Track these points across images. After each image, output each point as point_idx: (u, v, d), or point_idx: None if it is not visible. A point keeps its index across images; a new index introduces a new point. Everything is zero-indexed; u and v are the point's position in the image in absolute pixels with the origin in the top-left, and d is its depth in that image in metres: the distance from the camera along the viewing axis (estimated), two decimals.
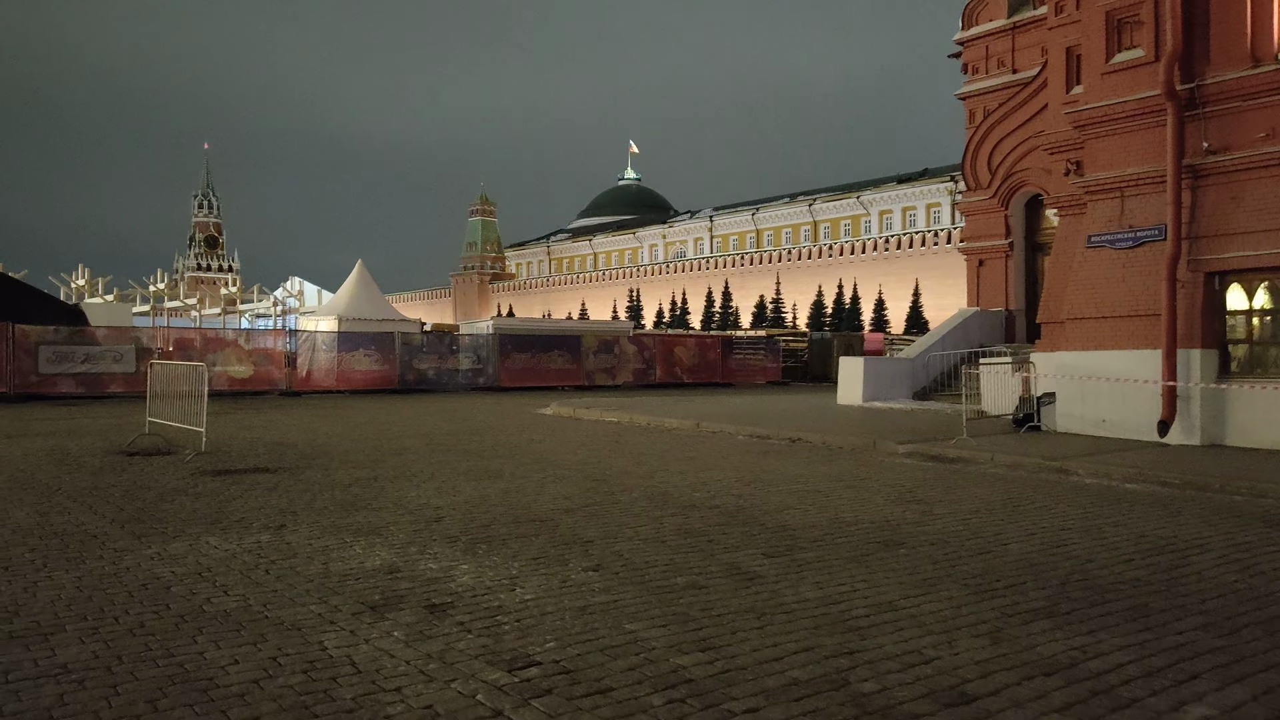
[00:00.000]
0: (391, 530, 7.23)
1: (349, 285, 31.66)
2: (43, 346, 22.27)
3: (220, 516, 7.71)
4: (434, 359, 29.50)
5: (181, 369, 13.48)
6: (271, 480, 9.74)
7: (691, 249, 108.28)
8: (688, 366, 34.58)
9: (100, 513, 7.80)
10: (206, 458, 11.40)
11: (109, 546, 6.53)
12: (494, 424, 17.35)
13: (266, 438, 14.07)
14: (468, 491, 9.18)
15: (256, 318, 59.71)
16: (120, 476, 9.92)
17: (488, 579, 5.75)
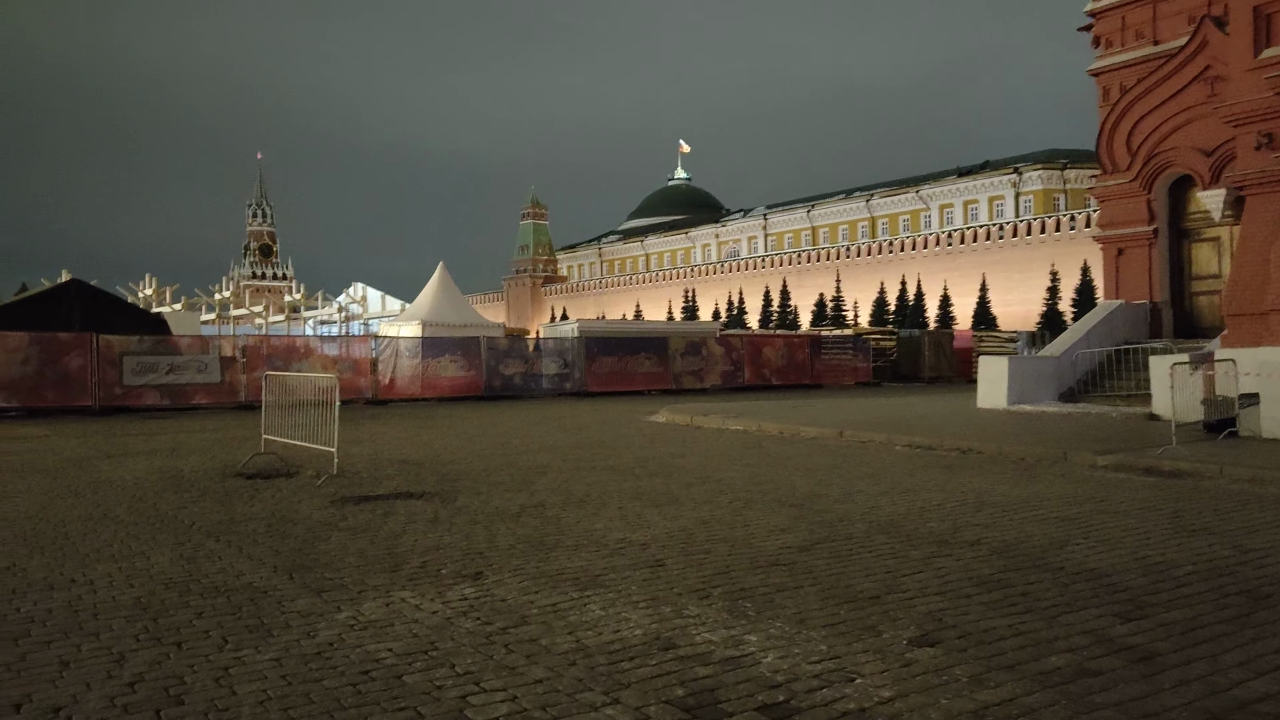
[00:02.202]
0: (614, 580, 5.90)
1: (431, 289, 30.62)
2: (126, 357, 21.42)
3: (397, 561, 6.45)
4: (519, 364, 28.35)
5: (303, 381, 12.35)
6: (426, 509, 8.48)
7: (745, 248, 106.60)
8: (776, 368, 33.09)
9: (254, 557, 6.57)
10: (336, 481, 10.20)
11: (289, 609, 5.27)
12: (614, 435, 16.04)
13: (384, 454, 12.88)
14: (659, 522, 7.84)
15: (320, 324, 59.22)
16: (252, 506, 8.73)
17: (801, 659, 4.39)
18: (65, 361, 20.80)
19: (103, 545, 6.98)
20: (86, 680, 4.13)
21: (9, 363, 20.25)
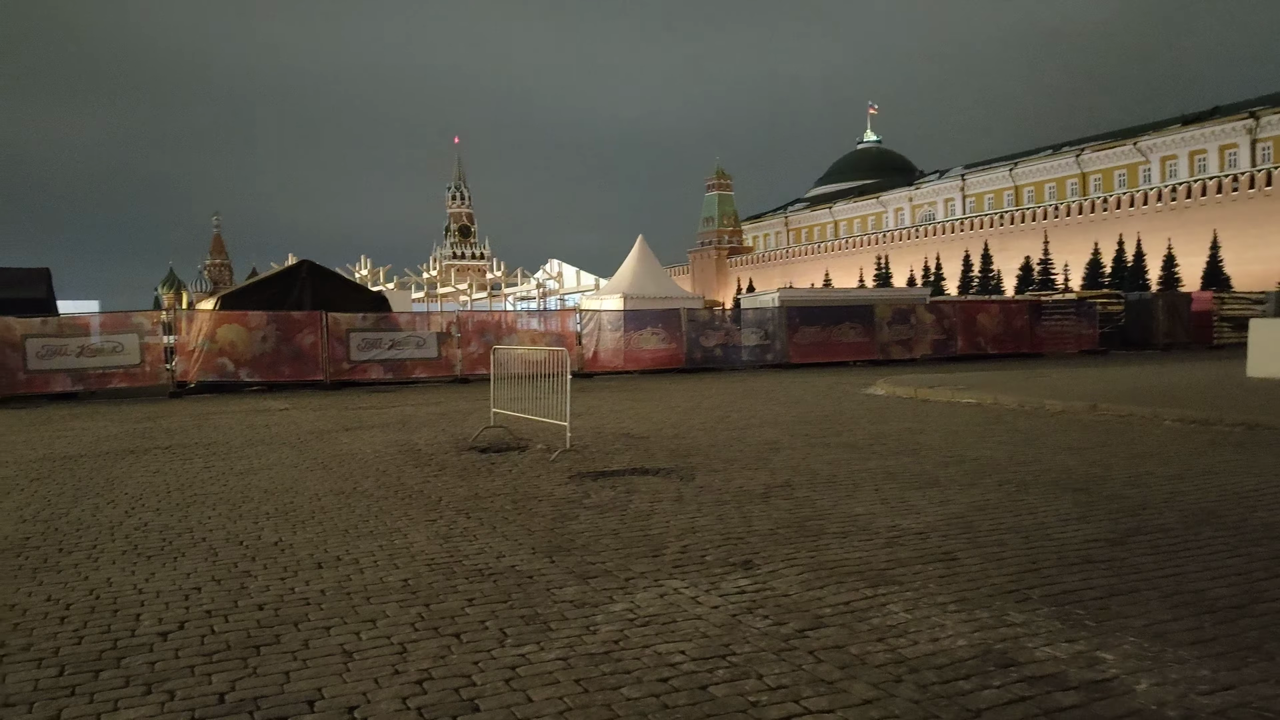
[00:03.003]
0: (905, 576, 5.22)
1: (631, 262, 30.59)
2: (353, 334, 22.43)
3: (655, 544, 6.01)
4: (720, 335, 27.85)
5: (532, 354, 12.28)
6: (668, 487, 8.06)
7: (941, 211, 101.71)
8: (991, 335, 31.07)
9: (509, 536, 6.32)
10: (569, 456, 9.98)
11: (559, 597, 4.92)
12: (835, 409, 15.24)
13: (605, 427, 12.65)
14: (927, 508, 7.08)
15: (518, 300, 60.96)
16: (492, 481, 8.59)
17: (1186, 688, 3.59)
18: (299, 338, 21.97)
19: (359, 521, 6.94)
20: (374, 675, 3.87)
21: (250, 340, 21.59)
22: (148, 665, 4.02)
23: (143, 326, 21.49)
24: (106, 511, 7.47)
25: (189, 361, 21.45)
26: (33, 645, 4.29)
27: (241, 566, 5.65)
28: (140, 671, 3.95)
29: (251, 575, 5.45)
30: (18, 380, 19.74)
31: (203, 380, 21.31)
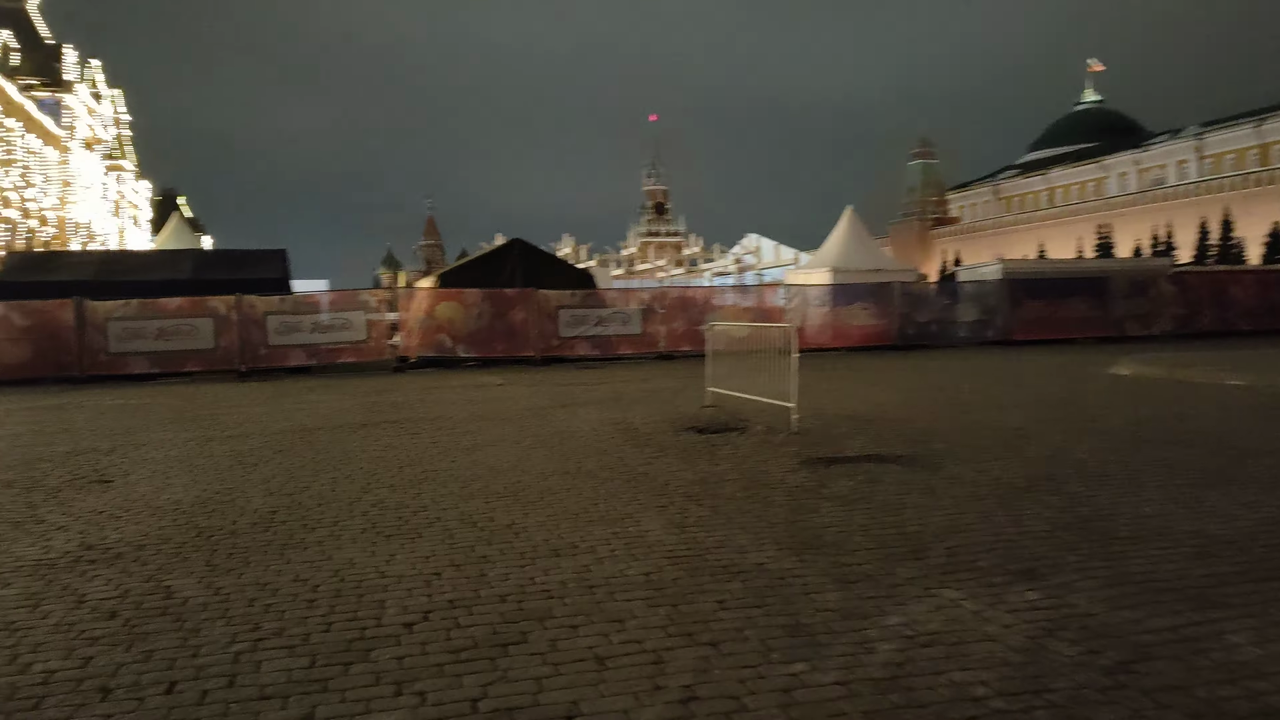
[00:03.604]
0: (1238, 598, 4.36)
1: (839, 235, 29.50)
2: (562, 310, 22.70)
3: (915, 545, 5.38)
4: (935, 310, 26.36)
5: (751, 331, 11.80)
6: (914, 478, 7.35)
7: (1173, 174, 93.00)
8: (1245, 310, 27.85)
9: (747, 528, 5.84)
10: (795, 439, 9.42)
11: (821, 604, 4.39)
12: (1078, 390, 13.89)
13: (826, 408, 11.96)
14: (1234, 511, 6.06)
15: (715, 276, 60.61)
16: (716, 464, 8.16)
17: None
18: (511, 315, 22.46)
19: (587, 504, 6.68)
20: (633, 689, 3.49)
21: (467, 317, 22.26)
22: (396, 661, 3.82)
23: (368, 304, 22.59)
24: (344, 486, 7.58)
25: (410, 337, 22.36)
26: (284, 630, 4.20)
27: (478, 551, 5.47)
28: (389, 668, 3.75)
29: (489, 561, 5.24)
30: (260, 354, 21.17)
31: (423, 355, 22.17)
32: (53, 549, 5.72)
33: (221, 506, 6.89)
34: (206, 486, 7.70)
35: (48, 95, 77.51)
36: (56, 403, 15.75)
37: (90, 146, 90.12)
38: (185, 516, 6.58)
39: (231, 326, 20.91)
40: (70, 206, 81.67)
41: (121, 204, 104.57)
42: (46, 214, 75.60)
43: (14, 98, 68.36)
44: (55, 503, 7.16)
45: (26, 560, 5.46)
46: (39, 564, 5.37)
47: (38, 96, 75.22)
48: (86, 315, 20.13)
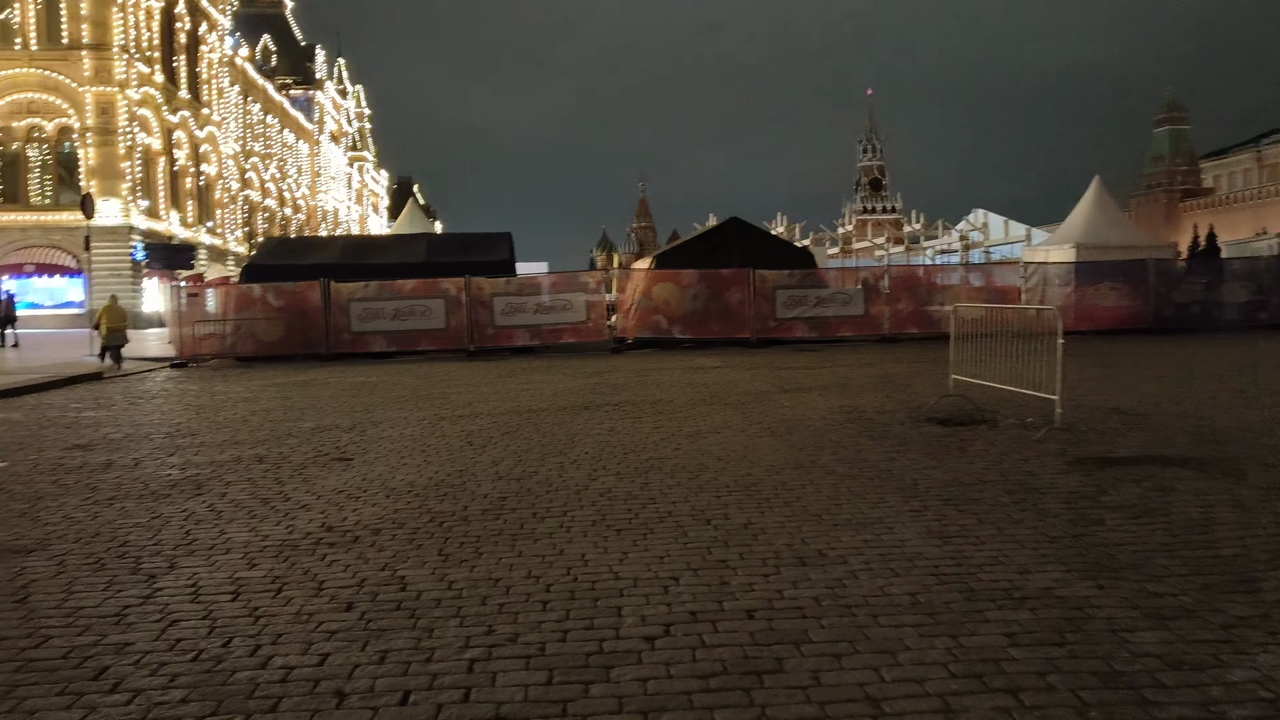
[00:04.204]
0: None
1: (1085, 208, 27.02)
2: (779, 291, 22.03)
3: (1237, 572, 4.47)
4: (1195, 291, 23.65)
5: (1005, 314, 10.80)
6: (1215, 488, 6.28)
7: None
8: None
9: (1023, 543, 5.08)
10: (1057, 435, 8.40)
11: (1138, 647, 3.63)
12: None
13: (1086, 400, 10.71)
14: None
15: (938, 254, 57.73)
16: (971, 463, 7.34)
17: None
18: (727, 296, 22.03)
19: (829, 504, 6.10)
20: None
21: (682, 298, 22.04)
22: (639, 683, 3.42)
23: (588, 285, 22.81)
24: (571, 473, 7.36)
25: (627, 318, 22.40)
26: (519, 636, 3.91)
27: (716, 554, 5.02)
28: (632, 692, 3.35)
29: (729, 567, 4.78)
30: (487, 335, 21.83)
31: (639, 336, 22.15)
32: (296, 529, 5.78)
33: (453, 490, 6.83)
34: (439, 468, 7.71)
35: (300, 93, 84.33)
36: (305, 379, 16.78)
37: (336, 139, 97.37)
38: (418, 499, 6.54)
39: (461, 307, 21.66)
40: (319, 195, 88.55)
41: (363, 192, 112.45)
42: (299, 202, 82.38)
43: (273, 96, 74.72)
44: (300, 480, 7.36)
45: (272, 540, 5.52)
46: (283, 545, 5.41)
47: (292, 94, 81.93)
48: (332, 296, 21.42)
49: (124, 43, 46.07)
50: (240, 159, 65.62)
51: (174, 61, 53.26)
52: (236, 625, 4.09)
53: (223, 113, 60.53)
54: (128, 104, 46.32)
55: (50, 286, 44.72)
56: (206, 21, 57.78)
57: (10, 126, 45.81)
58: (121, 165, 46.22)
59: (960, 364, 10.66)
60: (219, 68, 60.05)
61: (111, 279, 44.45)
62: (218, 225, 60.07)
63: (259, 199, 70.80)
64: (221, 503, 6.58)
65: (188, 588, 4.64)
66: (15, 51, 45.58)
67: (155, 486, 7.18)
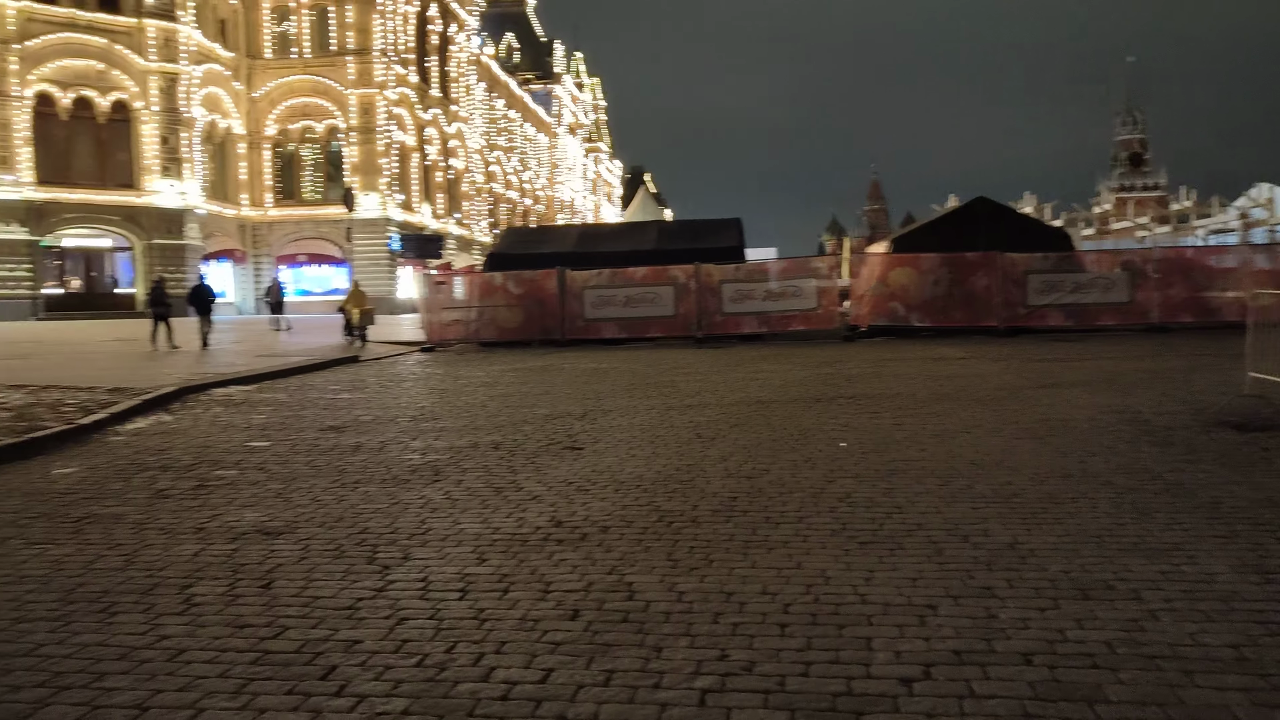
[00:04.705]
0: None
1: None
2: (1031, 275, 20.34)
3: None
4: None
5: None
6: None
7: None
8: None
9: None
10: None
11: None
12: None
13: None
14: None
15: (1209, 234, 51.99)
16: None
17: None
18: (971, 281, 20.61)
19: (1110, 524, 5.27)
20: None
21: (922, 284, 20.84)
22: None
23: (819, 271, 22.08)
24: (806, 473, 6.88)
25: (860, 305, 21.48)
26: (755, 665, 3.51)
27: (978, 578, 4.40)
28: None
29: (996, 596, 4.16)
30: (715, 322, 21.60)
31: (874, 324, 21.17)
32: (526, 522, 5.67)
33: (682, 486, 6.53)
34: (667, 461, 7.46)
35: (540, 87, 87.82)
36: (541, 364, 17.19)
37: (573, 131, 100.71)
38: (647, 495, 6.29)
39: (690, 294, 21.55)
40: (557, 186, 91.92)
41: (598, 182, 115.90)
42: (538, 193, 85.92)
43: (515, 91, 78.22)
44: (532, 469, 7.32)
45: (502, 533, 5.43)
46: (512, 539, 5.30)
47: (532, 89, 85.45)
48: (567, 284, 21.91)
49: (383, 46, 49.60)
50: (485, 153, 69.23)
51: (426, 62, 56.83)
52: (462, 628, 3.95)
53: (469, 109, 64.00)
54: (386, 104, 49.85)
55: (319, 275, 48.99)
56: (456, 22, 61.19)
57: (287, 129, 50.50)
58: (380, 161, 49.85)
59: (1260, 359, 9.21)
60: (466, 66, 63.52)
61: (370, 267, 48.10)
62: (465, 216, 63.68)
63: (502, 191, 74.51)
64: (457, 490, 6.62)
65: (418, 582, 4.58)
66: (292, 60, 50.18)
67: (397, 471, 7.36)
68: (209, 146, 47.37)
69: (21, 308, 39.53)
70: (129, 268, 44.20)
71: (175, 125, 43.48)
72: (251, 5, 49.41)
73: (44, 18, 40.65)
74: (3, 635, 3.95)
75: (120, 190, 42.90)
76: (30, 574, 4.82)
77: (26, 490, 6.93)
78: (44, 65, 40.68)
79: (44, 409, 10.44)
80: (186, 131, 44.03)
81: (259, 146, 50.15)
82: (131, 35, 42.48)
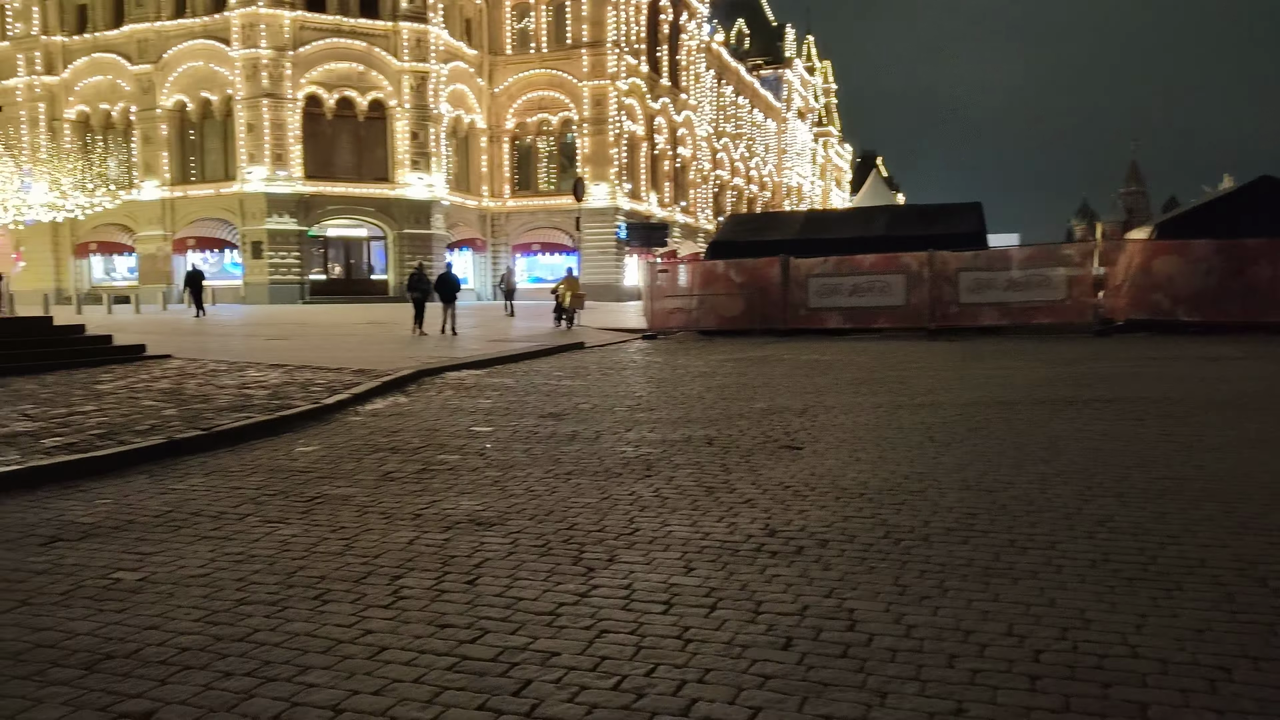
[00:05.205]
0: None
1: None
2: None
3: None
4: None
5: None
6: None
7: None
8: None
9: None
10: None
11: None
12: None
13: None
14: None
15: None
16: None
17: None
18: (1252, 271, 18.17)
19: None
20: None
21: (1191, 274, 18.63)
22: None
23: (1069, 259, 20.27)
24: (1057, 488, 6.10)
25: (1116, 297, 19.52)
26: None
27: None
28: None
29: None
30: (949, 313, 20.33)
31: (1132, 318, 19.18)
32: (738, 529, 5.31)
33: (911, 497, 5.95)
34: (895, 468, 6.87)
35: (770, 72, 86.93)
36: (760, 355, 16.78)
37: (802, 116, 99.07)
38: (871, 506, 5.77)
39: (922, 283, 20.39)
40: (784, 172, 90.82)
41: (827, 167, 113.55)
42: (765, 180, 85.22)
43: (744, 77, 77.85)
44: (746, 468, 6.95)
45: (713, 540, 5.10)
46: (723, 547, 4.96)
47: (762, 74, 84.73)
48: (791, 272, 21.33)
49: (615, 38, 50.59)
50: (712, 140, 69.33)
51: (657, 51, 57.50)
52: (664, 649, 3.65)
53: (698, 97, 64.24)
54: (617, 95, 50.87)
55: (551, 263, 50.74)
56: (687, 10, 61.50)
57: (524, 122, 52.63)
58: (610, 152, 50.97)
59: None
60: (696, 54, 63.75)
61: (599, 256, 49.34)
62: (690, 205, 64.09)
63: (728, 178, 74.39)
64: (668, 488, 6.37)
65: (622, 589, 4.34)
66: (530, 55, 52.20)
67: (610, 464, 7.21)
68: (453, 141, 50.16)
69: (291, 291, 43.52)
70: (383, 256, 47.62)
71: (424, 121, 46.32)
72: (495, 4, 51.73)
73: (314, 25, 44.38)
74: (225, 618, 4.05)
75: (376, 183, 46.24)
76: (259, 554, 4.99)
77: (271, 467, 7.33)
78: (313, 69, 44.43)
79: (295, 388, 11.19)
80: (434, 127, 46.81)
81: (499, 140, 52.56)
82: (387, 38, 45.59)
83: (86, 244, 48.05)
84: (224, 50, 43.80)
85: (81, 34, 47.52)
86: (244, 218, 44.15)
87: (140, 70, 45.70)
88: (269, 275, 43.71)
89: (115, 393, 10.78)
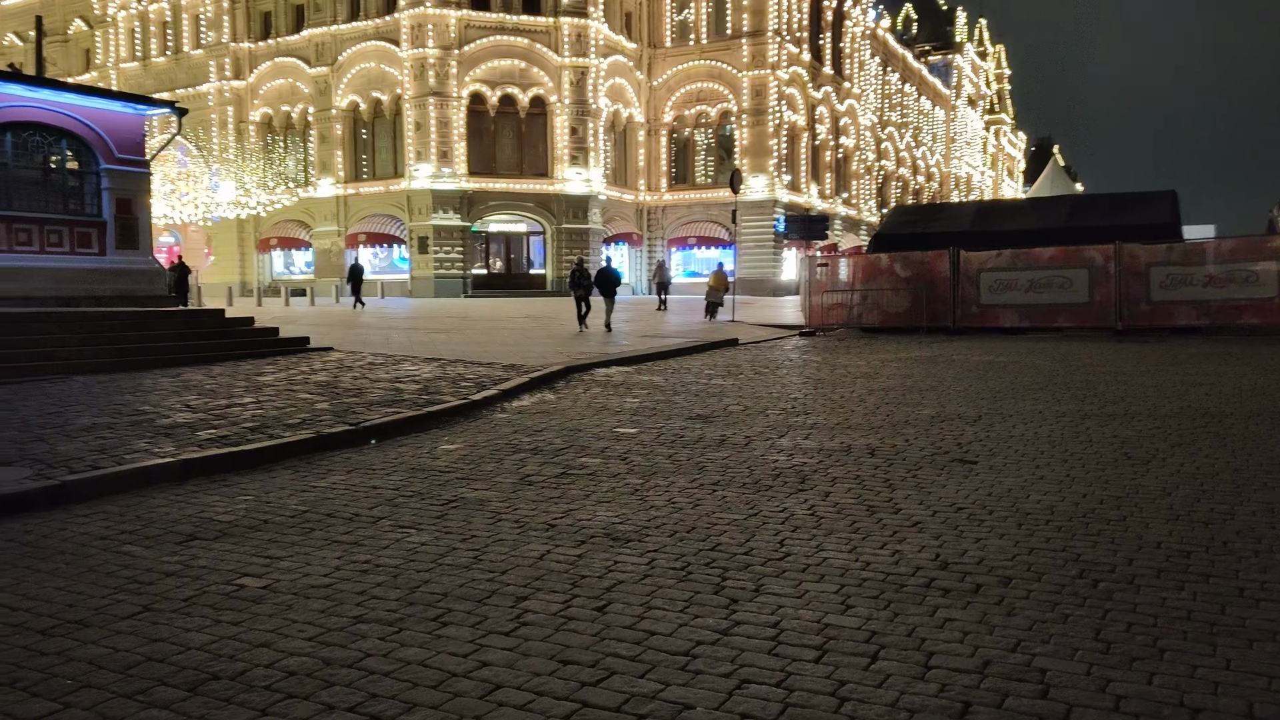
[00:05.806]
0: None
1: None
2: None
3: None
4: None
5: None
6: None
7: None
8: None
9: None
10: None
11: None
12: None
13: None
14: None
15: None
16: None
17: None
18: None
19: None
20: None
21: None
22: None
23: (1279, 253, 18.20)
24: (1262, 531, 5.16)
25: None
26: None
27: None
28: None
29: None
30: (1139, 311, 18.66)
31: None
32: (903, 557, 4.69)
33: (1109, 528, 5.16)
34: (1086, 489, 6.04)
35: (939, 58, 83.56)
36: (928, 354, 15.77)
37: (973, 103, 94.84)
38: (1060, 535, 5.02)
39: (1108, 278, 18.78)
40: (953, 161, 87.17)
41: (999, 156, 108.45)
42: (932, 170, 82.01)
43: (911, 64, 75.11)
44: (913, 485, 6.28)
45: (874, 570, 4.51)
46: (886, 581, 4.36)
47: (930, 60, 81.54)
48: (961, 266, 20.10)
49: (777, 26, 49.57)
50: (877, 129, 67.13)
51: (820, 39, 56.06)
52: (814, 708, 3.11)
53: (862, 85, 62.29)
54: (778, 84, 49.86)
55: (706, 257, 50.26)
56: None
57: (683, 115, 52.32)
58: (769, 143, 50.03)
59: None
60: (860, 41, 61.82)
61: (755, 249, 48.54)
62: (852, 196, 62.26)
63: (893, 168, 71.90)
64: (823, 505, 5.79)
65: (768, 628, 3.81)
66: (689, 47, 51.84)
67: (759, 474, 6.68)
68: (611, 135, 50.38)
69: (455, 285, 44.79)
70: (541, 250, 48.39)
71: (584, 116, 46.70)
72: None
73: (478, 24, 45.43)
74: (338, 637, 3.78)
75: (535, 179, 46.97)
76: (385, 563, 4.74)
77: (412, 465, 7.18)
78: (477, 67, 45.50)
79: (446, 383, 11.17)
80: (593, 122, 47.13)
81: (656, 133, 52.45)
82: (548, 34, 46.18)
83: (268, 239, 51.00)
84: (394, 51, 45.46)
85: (265, 39, 50.45)
86: (411, 214, 45.74)
87: (318, 73, 48.08)
88: (434, 269, 45.13)
89: (274, 384, 11.03)
